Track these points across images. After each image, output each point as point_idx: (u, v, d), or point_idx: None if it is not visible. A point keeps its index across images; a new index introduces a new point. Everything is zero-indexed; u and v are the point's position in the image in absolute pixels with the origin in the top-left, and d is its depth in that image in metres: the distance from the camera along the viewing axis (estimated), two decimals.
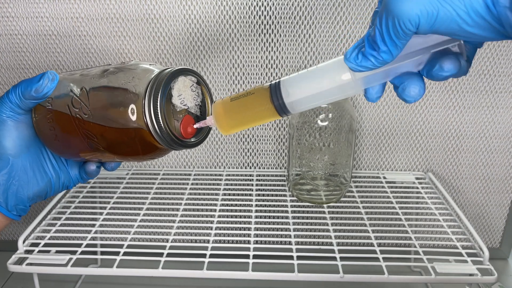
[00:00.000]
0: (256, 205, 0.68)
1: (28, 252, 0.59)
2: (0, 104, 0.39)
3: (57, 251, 0.59)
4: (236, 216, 0.66)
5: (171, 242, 0.59)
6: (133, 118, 0.34)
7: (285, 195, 0.71)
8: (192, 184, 0.75)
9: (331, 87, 0.32)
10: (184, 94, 0.36)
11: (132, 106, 0.34)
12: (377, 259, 0.56)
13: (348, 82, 0.31)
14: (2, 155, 0.39)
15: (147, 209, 0.67)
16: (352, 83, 0.31)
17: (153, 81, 0.34)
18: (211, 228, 0.63)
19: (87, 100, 0.36)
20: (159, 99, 0.33)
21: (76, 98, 0.36)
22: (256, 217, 0.66)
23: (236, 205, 0.68)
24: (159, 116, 0.33)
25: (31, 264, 0.56)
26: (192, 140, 0.37)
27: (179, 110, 0.36)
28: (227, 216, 0.66)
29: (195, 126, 0.37)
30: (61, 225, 0.65)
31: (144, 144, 0.35)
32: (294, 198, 0.69)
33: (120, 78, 0.35)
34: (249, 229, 0.63)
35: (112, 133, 0.35)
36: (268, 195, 0.73)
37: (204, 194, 0.74)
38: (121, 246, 0.58)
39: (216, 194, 0.71)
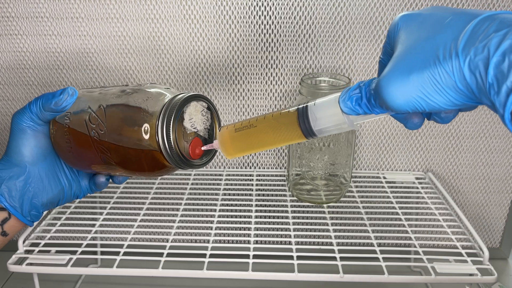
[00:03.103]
0: (256, 205, 0.68)
1: (28, 252, 0.59)
2: (22, 113, 0.41)
3: (57, 251, 0.59)
4: (236, 216, 0.66)
5: (171, 242, 0.59)
6: (146, 137, 0.36)
7: (285, 195, 0.71)
8: (192, 184, 0.75)
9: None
10: (195, 118, 0.38)
11: (146, 126, 0.36)
12: (377, 259, 0.56)
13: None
14: (20, 162, 0.42)
15: (147, 209, 0.67)
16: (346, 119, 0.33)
17: (167, 104, 0.36)
18: (211, 228, 0.63)
19: (104, 117, 0.38)
20: (172, 121, 0.36)
21: (93, 114, 0.39)
22: (256, 217, 0.66)
23: (236, 205, 0.68)
24: (171, 137, 0.36)
25: (31, 264, 0.56)
26: (199, 161, 0.40)
27: (189, 132, 0.39)
28: (227, 216, 0.66)
29: (202, 148, 0.40)
30: (61, 225, 0.65)
31: (154, 162, 0.38)
32: (294, 198, 0.69)
33: (137, 99, 0.37)
34: (249, 229, 0.63)
35: (125, 149, 0.37)
36: (268, 195, 0.73)
37: (204, 194, 0.74)
38: (121, 246, 0.58)
39: (216, 194, 0.71)
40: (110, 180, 0.47)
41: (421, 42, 0.28)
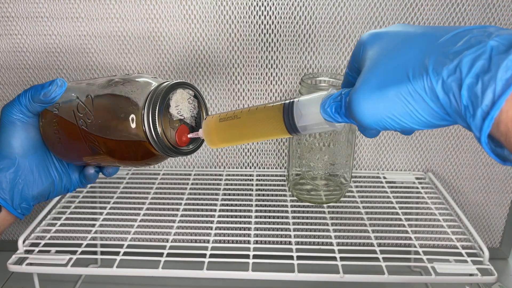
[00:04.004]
0: (256, 205, 0.68)
1: (28, 252, 0.59)
2: (11, 105, 0.41)
3: (57, 251, 0.59)
4: (236, 216, 0.66)
5: (171, 242, 0.59)
6: (133, 125, 0.36)
7: (285, 195, 0.71)
8: (192, 184, 0.75)
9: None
10: (181, 105, 0.39)
11: (132, 114, 0.36)
12: (377, 259, 0.56)
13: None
14: (10, 154, 0.42)
15: (147, 209, 0.67)
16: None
17: (152, 92, 0.37)
18: (211, 228, 0.63)
19: (91, 107, 0.38)
20: (157, 109, 0.36)
21: (81, 104, 0.39)
22: (256, 217, 0.66)
23: (236, 205, 0.68)
24: (157, 124, 0.36)
25: (31, 264, 0.56)
26: (186, 148, 0.40)
27: (176, 119, 0.39)
28: (227, 216, 0.66)
29: (188, 136, 0.40)
30: (61, 225, 0.65)
31: (141, 150, 0.38)
32: (294, 198, 0.69)
33: (123, 88, 0.38)
34: (249, 229, 0.63)
35: (113, 138, 0.38)
36: (268, 195, 0.73)
37: (204, 194, 0.74)
38: (121, 246, 0.58)
39: (216, 194, 0.71)
40: (108, 176, 0.47)
41: (390, 58, 0.27)
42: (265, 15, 0.69)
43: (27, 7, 0.69)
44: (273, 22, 0.69)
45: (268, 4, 0.68)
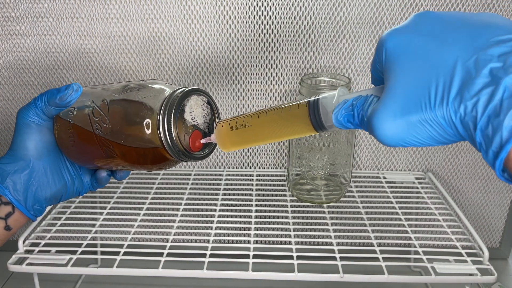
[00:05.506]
0: (256, 205, 0.68)
1: (28, 252, 0.59)
2: (27, 108, 0.42)
3: (57, 251, 0.59)
4: (236, 216, 0.66)
5: (171, 242, 0.59)
6: (148, 130, 0.37)
7: (285, 195, 0.71)
8: (192, 184, 0.75)
9: None
10: (195, 111, 0.39)
11: (148, 119, 0.37)
12: (377, 259, 0.56)
13: None
14: (25, 156, 0.42)
15: (147, 209, 0.67)
16: None
17: (168, 98, 0.37)
18: (211, 228, 0.63)
19: (107, 111, 0.39)
20: (172, 114, 0.37)
21: (97, 108, 0.40)
22: (256, 217, 0.66)
23: (236, 205, 0.68)
24: (172, 130, 0.37)
25: (31, 264, 0.56)
26: (200, 153, 0.41)
27: (189, 125, 0.40)
28: (227, 216, 0.66)
29: (201, 141, 0.40)
30: (61, 225, 0.65)
31: (155, 155, 0.38)
32: (294, 198, 0.69)
33: (139, 94, 0.38)
34: (249, 229, 0.63)
35: (127, 142, 0.38)
36: (268, 195, 0.73)
37: (204, 194, 0.74)
38: (121, 246, 0.58)
39: (216, 194, 0.71)
40: (111, 178, 0.47)
41: (411, 79, 0.27)
42: (265, 15, 0.69)
43: (27, 7, 0.69)
44: (273, 22, 0.69)
45: (268, 4, 0.68)
